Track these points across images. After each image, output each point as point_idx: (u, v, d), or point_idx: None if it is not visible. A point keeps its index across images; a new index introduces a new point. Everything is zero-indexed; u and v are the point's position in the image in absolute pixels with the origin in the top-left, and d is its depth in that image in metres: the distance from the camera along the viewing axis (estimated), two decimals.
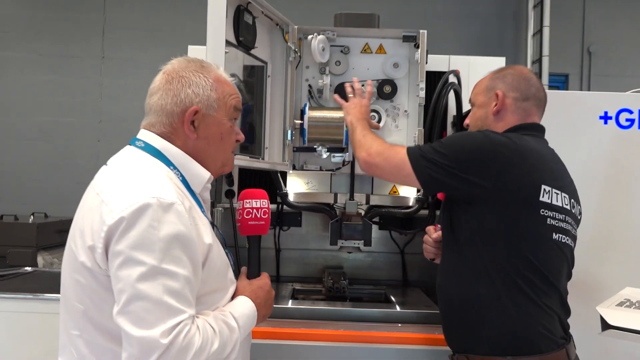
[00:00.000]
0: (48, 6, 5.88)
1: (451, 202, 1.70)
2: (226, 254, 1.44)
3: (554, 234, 1.60)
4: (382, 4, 5.71)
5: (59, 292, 1.35)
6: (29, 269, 3.22)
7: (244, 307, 1.38)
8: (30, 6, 5.89)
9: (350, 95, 2.14)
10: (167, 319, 1.13)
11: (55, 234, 4.44)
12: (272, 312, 1.52)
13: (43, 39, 5.88)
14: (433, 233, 1.92)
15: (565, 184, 1.68)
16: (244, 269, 1.55)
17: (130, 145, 1.38)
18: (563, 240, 1.62)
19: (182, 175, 1.35)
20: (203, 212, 1.37)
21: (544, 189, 1.57)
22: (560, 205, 1.61)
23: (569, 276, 1.69)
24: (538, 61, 5.82)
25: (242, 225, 1.56)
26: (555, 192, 1.60)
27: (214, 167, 1.42)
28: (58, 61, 5.88)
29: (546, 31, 5.76)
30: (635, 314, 1.51)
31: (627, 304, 1.58)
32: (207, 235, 1.30)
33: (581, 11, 6.05)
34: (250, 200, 1.55)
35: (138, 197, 1.19)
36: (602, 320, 1.54)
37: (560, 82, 6.19)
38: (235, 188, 2.54)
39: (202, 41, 1.94)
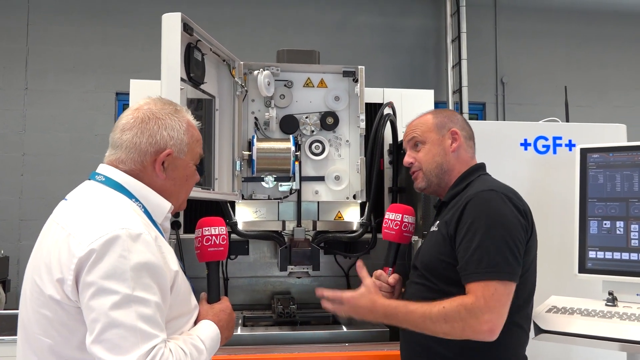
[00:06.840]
0: None
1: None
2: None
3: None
4: (316, 38, 5.96)
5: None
6: None
7: (209, 330, 1.44)
8: None
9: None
10: (141, 344, 1.18)
11: None
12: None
13: None
14: (387, 277, 1.85)
15: None
16: (203, 295, 1.60)
17: (89, 179, 1.42)
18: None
19: (144, 207, 1.40)
20: (166, 241, 1.42)
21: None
22: None
23: None
24: (458, 91, 6.23)
25: (202, 252, 1.63)
26: None
27: (175, 204, 1.49)
28: None
29: (464, 64, 6.21)
30: (562, 318, 1.70)
31: (554, 310, 1.77)
32: (174, 263, 1.36)
33: (494, 45, 6.57)
34: (210, 228, 1.63)
35: (107, 229, 1.24)
36: (536, 325, 1.72)
37: (478, 110, 6.65)
38: (181, 219, 2.56)
39: (134, 72, 1.95)
